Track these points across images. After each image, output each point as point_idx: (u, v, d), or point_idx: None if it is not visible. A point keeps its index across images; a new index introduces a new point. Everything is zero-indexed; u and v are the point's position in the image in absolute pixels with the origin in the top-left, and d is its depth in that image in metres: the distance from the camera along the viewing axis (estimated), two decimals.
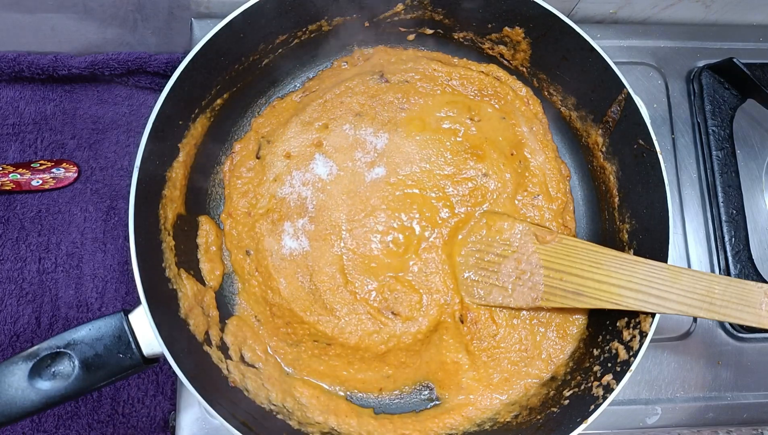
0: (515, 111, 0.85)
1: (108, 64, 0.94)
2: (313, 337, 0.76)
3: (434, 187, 0.81)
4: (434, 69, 0.85)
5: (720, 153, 0.90)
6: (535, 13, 0.77)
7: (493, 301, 0.77)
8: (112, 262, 0.93)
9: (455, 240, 0.80)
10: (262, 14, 0.74)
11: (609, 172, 0.81)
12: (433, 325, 0.77)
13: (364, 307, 0.77)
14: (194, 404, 0.78)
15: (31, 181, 0.93)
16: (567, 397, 0.72)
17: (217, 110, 0.78)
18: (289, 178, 0.80)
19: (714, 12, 0.98)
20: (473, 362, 0.76)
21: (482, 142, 0.82)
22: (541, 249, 0.77)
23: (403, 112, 0.83)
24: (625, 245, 0.78)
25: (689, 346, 0.86)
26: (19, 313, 0.90)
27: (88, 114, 0.98)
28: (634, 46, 0.96)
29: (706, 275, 0.66)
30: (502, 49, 0.85)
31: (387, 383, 0.76)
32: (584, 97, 0.82)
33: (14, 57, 0.93)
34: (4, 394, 0.60)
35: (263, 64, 0.81)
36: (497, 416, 0.74)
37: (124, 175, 0.97)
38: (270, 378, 0.74)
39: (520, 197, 0.82)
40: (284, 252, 0.78)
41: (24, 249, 0.92)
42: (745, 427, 0.87)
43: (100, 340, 0.62)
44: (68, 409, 0.87)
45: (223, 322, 0.75)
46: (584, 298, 0.71)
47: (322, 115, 0.82)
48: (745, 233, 0.87)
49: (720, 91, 0.93)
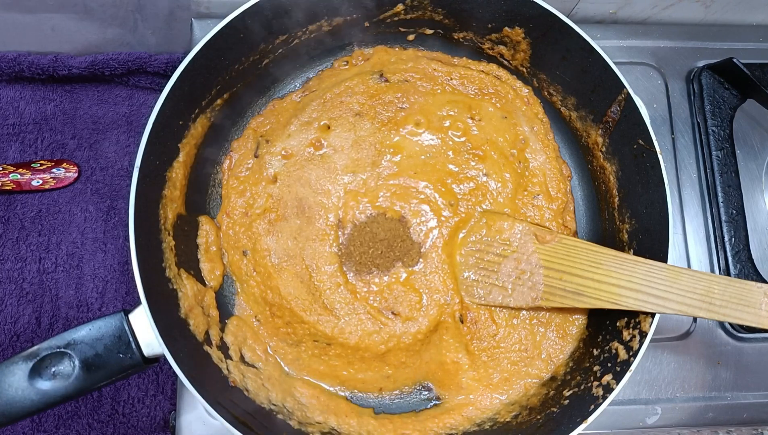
0: (516, 110, 0.85)
1: (108, 64, 0.94)
2: (313, 337, 0.76)
3: (435, 186, 0.81)
4: (434, 69, 0.85)
5: (720, 153, 0.90)
6: (535, 13, 0.77)
7: (492, 300, 0.77)
8: (112, 262, 0.93)
9: (455, 240, 0.80)
10: (262, 14, 0.74)
11: (609, 172, 0.81)
12: (433, 325, 0.77)
13: (364, 307, 0.77)
14: (194, 404, 0.78)
15: (32, 181, 0.93)
16: (567, 397, 0.72)
17: (217, 110, 0.78)
18: (287, 178, 0.80)
19: (714, 12, 0.98)
20: (473, 362, 0.76)
21: (483, 141, 0.83)
22: (540, 249, 0.77)
23: (403, 112, 0.83)
24: (625, 245, 0.78)
25: (689, 346, 0.86)
26: (20, 313, 0.90)
27: (88, 114, 0.98)
28: (634, 46, 0.96)
29: (705, 275, 0.66)
30: (502, 49, 0.85)
31: (387, 383, 0.76)
32: (584, 97, 0.82)
33: (14, 57, 0.93)
34: (4, 394, 0.60)
35: (263, 64, 0.81)
36: (497, 416, 0.74)
37: (124, 175, 0.97)
38: (270, 378, 0.74)
39: (521, 197, 0.82)
40: (282, 252, 0.78)
41: (24, 249, 0.92)
42: (745, 427, 0.87)
43: (101, 340, 0.62)
44: (68, 409, 0.87)
45: (223, 322, 0.75)
46: (584, 297, 0.71)
47: (322, 114, 0.82)
48: (745, 233, 0.87)
49: (720, 91, 0.93)
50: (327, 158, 0.81)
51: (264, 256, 0.77)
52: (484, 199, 0.81)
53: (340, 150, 0.81)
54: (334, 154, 0.81)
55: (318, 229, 0.79)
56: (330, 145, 0.81)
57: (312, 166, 0.80)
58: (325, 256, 0.78)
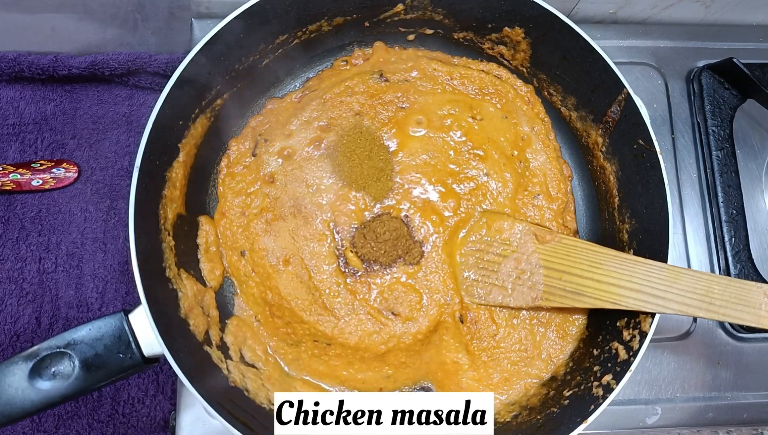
0: (517, 110, 0.85)
1: (108, 64, 0.94)
2: (313, 337, 0.76)
3: (436, 186, 0.81)
4: (434, 68, 0.85)
5: (720, 153, 0.90)
6: (535, 13, 0.78)
7: (492, 300, 0.77)
8: (112, 262, 0.93)
9: (455, 239, 0.80)
10: (261, 14, 0.74)
11: (609, 172, 0.81)
12: (433, 325, 0.77)
13: (363, 307, 0.77)
14: (194, 404, 0.78)
15: (32, 181, 0.93)
16: (567, 397, 0.72)
17: (217, 110, 0.78)
18: (285, 177, 0.80)
19: (714, 12, 0.98)
20: (473, 362, 0.76)
21: (484, 141, 0.83)
22: (540, 249, 0.77)
23: (403, 111, 0.83)
24: (625, 245, 0.78)
25: (689, 346, 0.86)
26: (19, 313, 0.90)
27: (88, 114, 0.98)
28: (634, 46, 0.96)
29: (705, 275, 0.66)
30: (502, 49, 0.85)
31: (387, 383, 0.76)
32: (584, 97, 0.82)
33: (14, 57, 0.93)
34: (4, 394, 0.60)
35: (263, 64, 0.81)
36: (497, 416, 0.74)
37: (124, 175, 0.97)
38: (270, 378, 0.74)
39: (521, 197, 0.82)
40: (281, 252, 0.78)
41: (24, 249, 0.92)
42: (745, 427, 0.87)
43: (100, 340, 0.62)
44: (68, 409, 0.87)
45: (223, 322, 0.75)
46: (584, 297, 0.71)
47: (322, 114, 0.82)
48: (745, 233, 0.87)
49: (720, 91, 0.93)
50: (325, 158, 0.81)
51: (262, 256, 0.77)
52: (485, 199, 0.81)
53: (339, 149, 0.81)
54: (333, 153, 0.81)
55: (315, 229, 0.79)
56: (329, 144, 0.81)
57: (310, 165, 0.80)
58: (324, 255, 0.78)
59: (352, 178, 0.80)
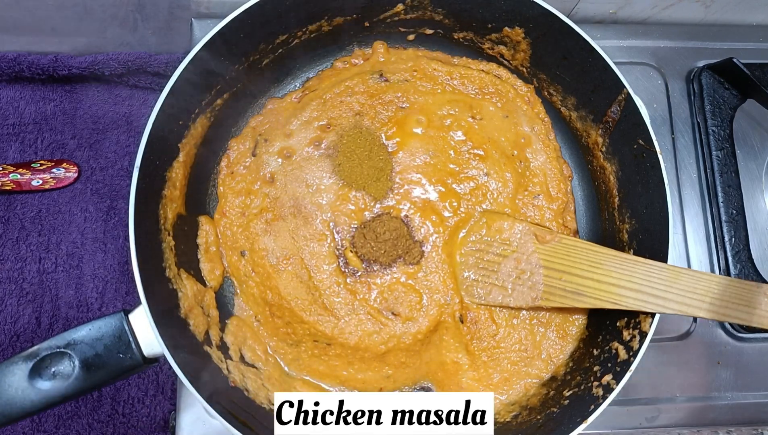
0: (517, 110, 0.85)
1: (108, 64, 0.94)
2: (313, 337, 0.76)
3: (436, 185, 0.81)
4: (434, 68, 0.85)
5: (720, 153, 0.90)
6: (535, 13, 0.77)
7: (492, 300, 0.77)
8: (112, 262, 0.93)
9: (455, 239, 0.80)
10: (262, 14, 0.74)
11: (609, 172, 0.81)
12: (433, 325, 0.77)
13: (363, 307, 0.77)
14: (194, 404, 0.78)
15: (32, 181, 0.93)
16: (567, 397, 0.72)
17: (217, 110, 0.78)
18: (284, 177, 0.80)
19: (714, 12, 0.98)
20: (473, 362, 0.76)
21: (484, 141, 0.83)
22: (540, 249, 0.77)
23: (403, 111, 0.83)
24: (625, 245, 0.78)
25: (689, 346, 0.86)
26: (19, 313, 0.90)
27: (88, 114, 0.98)
28: (634, 46, 0.96)
29: (705, 275, 0.66)
30: (502, 49, 0.85)
31: (387, 383, 0.76)
32: (584, 97, 0.82)
33: (14, 57, 0.93)
34: (4, 394, 0.60)
35: (263, 64, 0.81)
36: (497, 416, 0.74)
37: (124, 175, 0.97)
38: (270, 378, 0.74)
39: (521, 197, 0.82)
40: (281, 252, 0.78)
41: (24, 249, 0.92)
42: (745, 427, 0.87)
43: (100, 340, 0.62)
44: (68, 409, 0.87)
45: (223, 322, 0.75)
46: (584, 297, 0.71)
47: (322, 114, 0.82)
48: (745, 233, 0.87)
49: (720, 91, 0.93)
50: (325, 158, 0.81)
51: (262, 256, 0.77)
52: (485, 199, 0.81)
53: (339, 149, 0.81)
54: (332, 153, 0.81)
55: (315, 229, 0.79)
56: (329, 144, 0.81)
57: (310, 165, 0.80)
58: (324, 255, 0.78)
59: (352, 177, 0.80)
